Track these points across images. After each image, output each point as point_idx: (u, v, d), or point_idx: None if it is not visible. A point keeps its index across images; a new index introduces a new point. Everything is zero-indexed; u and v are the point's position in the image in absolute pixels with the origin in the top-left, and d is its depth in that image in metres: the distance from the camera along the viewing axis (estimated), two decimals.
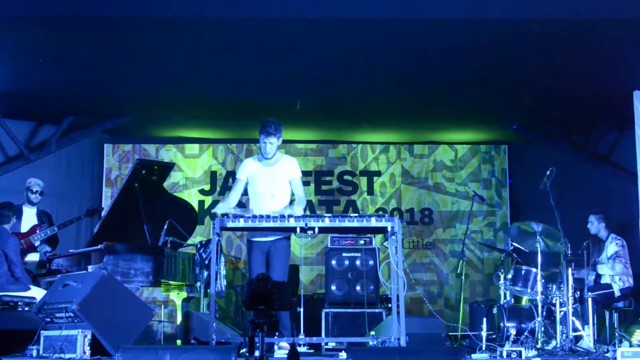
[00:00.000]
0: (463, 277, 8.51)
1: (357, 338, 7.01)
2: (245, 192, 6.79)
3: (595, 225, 8.19)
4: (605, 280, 8.00)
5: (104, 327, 5.72)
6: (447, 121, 10.20)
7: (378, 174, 11.04)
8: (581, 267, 7.22)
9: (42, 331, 5.83)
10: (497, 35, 7.15)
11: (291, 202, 6.71)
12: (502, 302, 7.50)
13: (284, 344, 6.34)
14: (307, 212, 6.56)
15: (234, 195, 6.69)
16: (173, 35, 7.21)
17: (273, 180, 6.62)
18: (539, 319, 6.84)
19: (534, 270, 7.16)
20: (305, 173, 10.11)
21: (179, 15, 6.74)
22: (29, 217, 8.20)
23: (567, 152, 10.07)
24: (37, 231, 8.02)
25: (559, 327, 6.62)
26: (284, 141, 10.85)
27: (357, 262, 8.26)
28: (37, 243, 7.97)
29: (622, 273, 7.89)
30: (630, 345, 6.87)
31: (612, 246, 8.03)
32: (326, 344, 7.65)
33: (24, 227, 8.10)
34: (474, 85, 8.57)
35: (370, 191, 10.99)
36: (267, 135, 6.63)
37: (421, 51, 7.58)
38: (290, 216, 6.02)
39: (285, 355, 6.07)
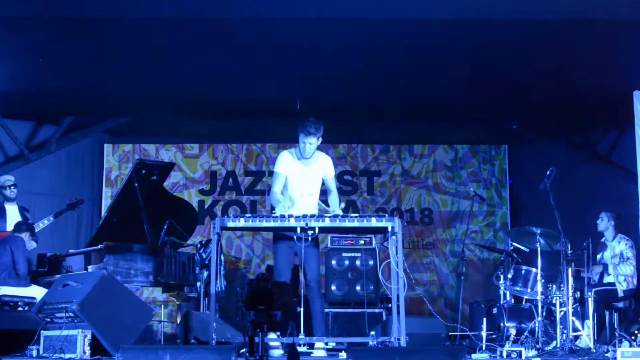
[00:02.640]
0: (463, 277, 8.52)
1: (357, 338, 7.00)
2: None
3: (605, 222, 8.12)
4: (608, 279, 7.98)
5: (104, 327, 5.72)
6: (447, 121, 10.19)
7: (378, 174, 11.04)
8: (582, 267, 7.19)
9: (42, 331, 5.83)
10: (498, 36, 7.14)
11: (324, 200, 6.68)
12: (502, 302, 7.50)
13: (320, 344, 6.29)
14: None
15: (280, 190, 6.45)
16: (173, 35, 7.20)
17: (307, 180, 6.47)
18: (539, 319, 6.84)
19: (534, 270, 7.16)
20: None
21: (179, 15, 6.74)
22: (12, 215, 8.15)
23: (567, 152, 10.07)
24: None
25: (559, 327, 6.62)
26: (285, 141, 10.97)
27: (357, 262, 8.26)
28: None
29: (631, 275, 7.86)
30: (631, 345, 6.86)
31: (621, 246, 7.98)
32: (326, 343, 7.65)
33: (10, 225, 8.06)
34: (474, 85, 8.56)
35: (370, 191, 10.99)
36: (307, 134, 6.31)
37: (421, 51, 7.58)
38: (290, 216, 6.01)
39: (324, 355, 6.07)
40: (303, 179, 6.47)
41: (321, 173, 6.55)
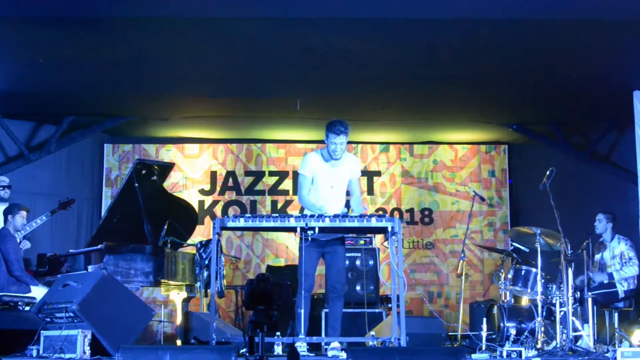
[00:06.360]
0: (463, 277, 8.51)
1: (357, 338, 7.00)
2: None
3: (603, 224, 7.99)
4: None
5: (104, 327, 5.72)
6: (447, 121, 10.20)
7: (378, 174, 11.04)
8: (581, 268, 7.17)
9: (42, 331, 5.83)
10: (498, 35, 7.15)
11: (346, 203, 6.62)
12: (502, 302, 7.50)
13: (335, 344, 6.26)
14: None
15: (308, 193, 6.40)
16: (173, 35, 7.21)
17: (335, 178, 6.44)
18: (539, 319, 6.84)
19: (534, 270, 7.16)
20: None
21: (179, 15, 6.74)
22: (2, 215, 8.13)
23: (567, 152, 10.07)
24: None
25: (559, 327, 6.62)
26: (285, 141, 10.98)
27: (357, 262, 8.26)
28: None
29: (633, 277, 7.76)
30: (630, 345, 6.86)
31: (621, 246, 7.88)
32: (326, 343, 7.64)
33: None
34: (474, 85, 8.57)
35: (370, 191, 10.99)
36: (337, 134, 6.24)
37: (421, 51, 7.58)
38: (290, 216, 6.01)
39: (338, 354, 6.05)
40: (330, 178, 6.42)
41: (348, 173, 6.50)
